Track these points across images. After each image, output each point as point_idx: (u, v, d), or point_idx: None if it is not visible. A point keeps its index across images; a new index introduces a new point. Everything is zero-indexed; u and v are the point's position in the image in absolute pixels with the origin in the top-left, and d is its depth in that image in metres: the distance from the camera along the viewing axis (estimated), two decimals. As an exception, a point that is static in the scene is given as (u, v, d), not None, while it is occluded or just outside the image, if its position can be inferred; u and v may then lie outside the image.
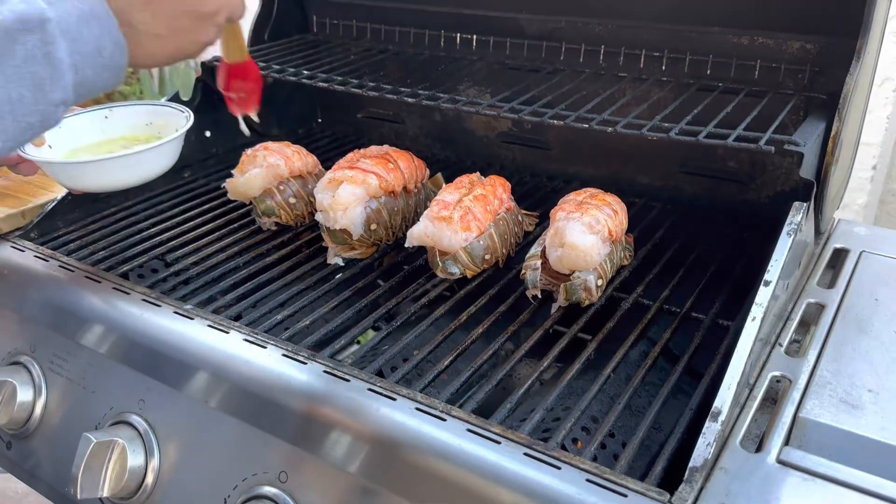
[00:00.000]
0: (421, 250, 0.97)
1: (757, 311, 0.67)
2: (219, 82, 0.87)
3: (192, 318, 0.79)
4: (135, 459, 0.75)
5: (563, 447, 0.64)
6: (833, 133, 0.83)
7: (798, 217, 0.76)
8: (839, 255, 0.93)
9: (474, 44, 1.19)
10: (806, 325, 0.80)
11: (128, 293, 0.85)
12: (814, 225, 0.86)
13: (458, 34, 1.20)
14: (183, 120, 1.06)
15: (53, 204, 1.04)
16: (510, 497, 0.57)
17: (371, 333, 0.94)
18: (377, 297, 0.90)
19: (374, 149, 1.04)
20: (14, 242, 0.97)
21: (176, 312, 0.81)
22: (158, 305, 0.82)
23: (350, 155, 1.03)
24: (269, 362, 0.73)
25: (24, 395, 0.85)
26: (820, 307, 0.81)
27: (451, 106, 0.95)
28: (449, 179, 1.02)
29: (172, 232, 1.03)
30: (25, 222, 1.02)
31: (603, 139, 1.14)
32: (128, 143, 1.08)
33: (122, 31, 0.61)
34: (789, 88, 0.98)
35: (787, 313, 0.80)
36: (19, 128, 0.55)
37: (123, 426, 0.77)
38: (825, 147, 0.83)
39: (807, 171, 0.79)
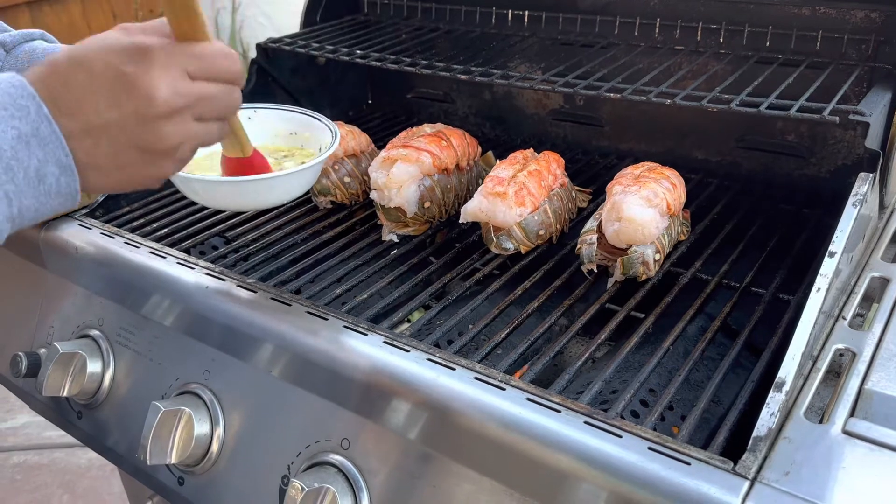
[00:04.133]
0: (473, 227, 0.98)
1: (822, 282, 0.66)
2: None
3: (255, 292, 0.81)
4: (201, 428, 0.78)
5: (622, 418, 0.64)
6: (900, 103, 0.81)
7: (864, 188, 0.74)
8: (904, 230, 0.90)
9: (526, 20, 1.19)
10: (870, 299, 0.79)
11: (192, 268, 0.87)
12: (878, 198, 0.84)
13: (510, 10, 1.20)
14: (329, 138, 0.91)
15: (117, 184, 1.07)
16: (571, 464, 0.58)
17: (419, 313, 0.94)
18: (431, 273, 0.91)
19: (426, 127, 1.05)
20: (81, 220, 1.01)
21: (239, 286, 0.83)
22: (222, 279, 0.84)
23: (403, 133, 1.04)
24: (331, 333, 0.74)
25: (93, 366, 0.88)
26: (884, 281, 0.79)
27: (504, 82, 0.95)
28: (500, 158, 1.02)
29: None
30: (91, 201, 1.06)
31: (657, 114, 1.13)
32: (268, 153, 0.89)
33: None
34: (852, 59, 0.95)
35: (850, 287, 0.78)
36: None
37: (189, 396, 0.80)
38: (891, 118, 0.81)
39: (872, 141, 0.77)
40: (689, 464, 0.56)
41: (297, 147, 0.96)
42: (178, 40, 0.56)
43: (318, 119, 0.95)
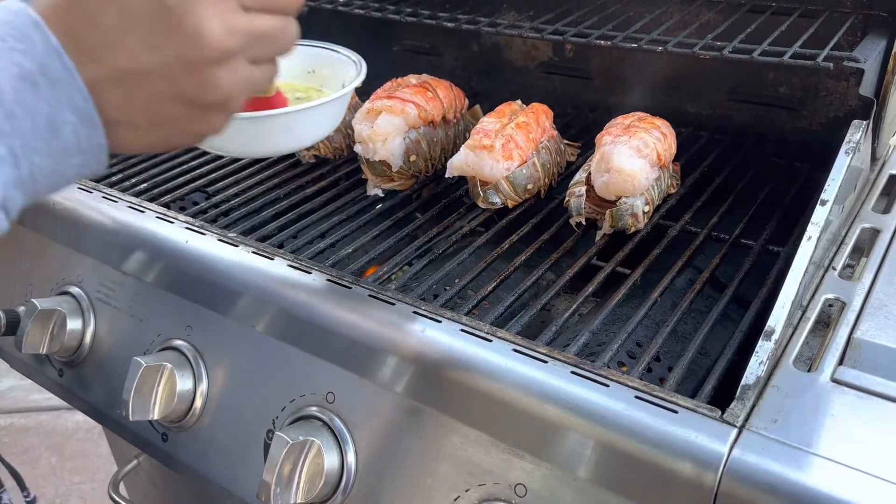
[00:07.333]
0: (460, 182, 0.96)
1: (813, 231, 0.65)
2: None
3: (236, 246, 0.80)
4: (183, 384, 0.76)
5: (609, 368, 0.63)
6: (895, 51, 0.79)
7: (857, 135, 0.73)
8: (895, 182, 0.89)
9: (514, -32, 1.16)
10: (860, 250, 0.78)
11: (172, 222, 0.85)
12: (870, 148, 0.83)
13: (497, -41, 1.16)
14: (353, 71, 0.77)
15: (94, 138, 1.04)
16: (557, 413, 0.57)
17: (400, 274, 0.93)
18: (416, 228, 0.89)
19: (411, 78, 1.02)
20: (58, 176, 0.98)
21: (220, 240, 0.81)
22: (203, 233, 0.82)
23: (388, 84, 1.01)
24: (315, 287, 0.73)
25: (73, 323, 0.87)
26: (875, 232, 0.78)
27: (491, 30, 0.93)
28: (487, 112, 1.00)
29: (212, 165, 1.03)
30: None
31: (648, 66, 1.11)
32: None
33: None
34: (847, 7, 0.93)
35: (840, 238, 0.78)
36: None
37: (172, 352, 0.79)
38: (886, 65, 0.79)
39: (866, 89, 0.75)
40: (676, 412, 0.55)
41: (314, 88, 0.82)
42: None
43: (339, 52, 0.82)
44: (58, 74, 0.40)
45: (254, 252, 0.78)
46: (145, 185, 0.97)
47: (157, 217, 0.86)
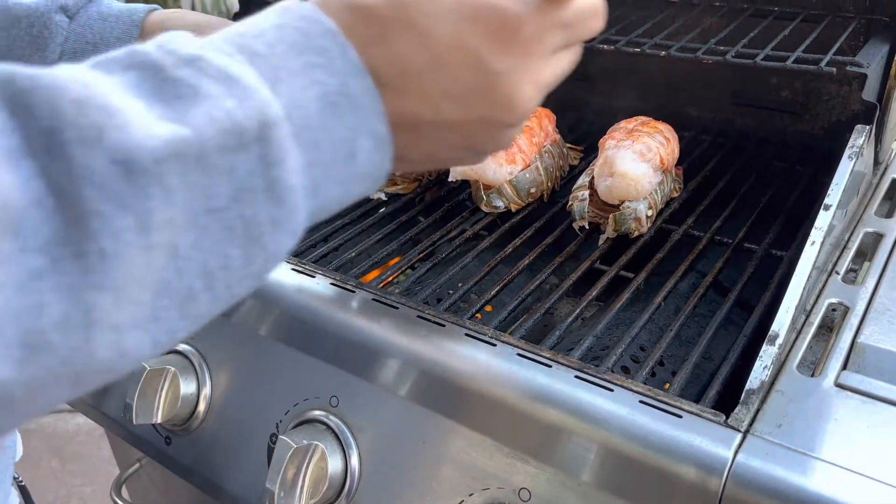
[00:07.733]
0: (463, 186, 0.96)
1: (816, 235, 0.65)
2: None
3: (239, 249, 0.80)
4: (187, 387, 0.77)
5: (613, 372, 0.63)
6: (898, 55, 0.79)
7: (860, 140, 0.73)
8: (898, 186, 0.90)
9: (516, -26, 1.16)
10: (863, 254, 0.78)
11: (175, 226, 0.85)
12: (873, 153, 0.83)
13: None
14: None
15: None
16: (562, 418, 0.57)
17: (407, 274, 0.93)
18: (419, 232, 0.89)
19: (415, 82, 1.02)
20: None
21: (223, 243, 0.81)
22: (206, 237, 0.82)
23: (391, 89, 1.01)
24: (318, 290, 0.73)
25: (77, 327, 0.87)
26: (878, 236, 0.78)
27: (494, 35, 0.93)
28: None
29: (215, 169, 1.03)
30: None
31: (650, 70, 1.11)
32: None
33: None
34: (849, 12, 0.93)
35: (843, 243, 0.78)
36: (217, 305, 0.33)
37: (175, 355, 0.79)
38: (888, 70, 0.80)
39: (869, 93, 0.75)
40: (680, 416, 0.55)
41: None
42: None
43: None
44: (358, 95, 0.34)
45: (257, 256, 0.78)
46: (149, 188, 0.97)
47: (161, 221, 0.86)
